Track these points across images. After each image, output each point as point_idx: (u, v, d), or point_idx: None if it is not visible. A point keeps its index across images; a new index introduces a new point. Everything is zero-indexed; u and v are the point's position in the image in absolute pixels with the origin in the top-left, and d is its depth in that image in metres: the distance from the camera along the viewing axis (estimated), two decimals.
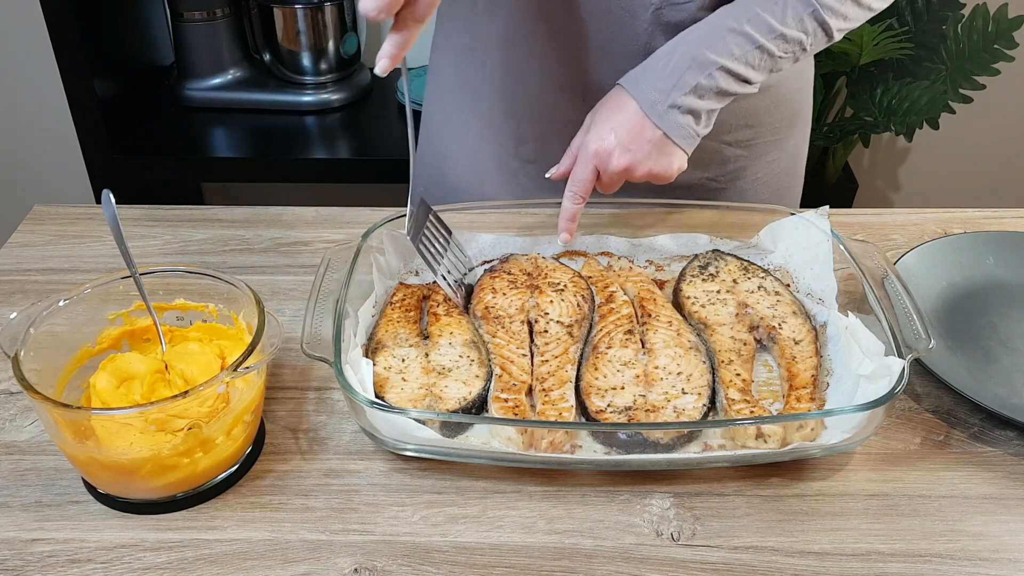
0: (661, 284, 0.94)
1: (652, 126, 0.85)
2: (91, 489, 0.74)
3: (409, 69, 1.90)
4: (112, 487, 0.72)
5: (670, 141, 0.86)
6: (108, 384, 0.73)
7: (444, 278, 0.88)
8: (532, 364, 0.82)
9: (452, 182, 1.12)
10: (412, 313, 0.88)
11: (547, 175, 0.93)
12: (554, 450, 0.74)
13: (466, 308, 0.90)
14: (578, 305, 0.88)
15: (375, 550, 0.70)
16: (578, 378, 0.81)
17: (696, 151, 0.91)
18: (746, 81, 0.87)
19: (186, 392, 0.68)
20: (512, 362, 0.81)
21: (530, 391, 0.80)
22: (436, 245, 0.90)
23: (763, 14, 0.85)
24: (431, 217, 0.90)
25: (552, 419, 0.77)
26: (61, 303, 0.76)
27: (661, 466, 0.75)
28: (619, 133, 0.86)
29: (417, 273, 0.95)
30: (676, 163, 0.88)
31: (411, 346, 0.84)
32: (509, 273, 0.92)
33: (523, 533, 0.71)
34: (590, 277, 0.93)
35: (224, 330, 0.81)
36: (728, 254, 0.96)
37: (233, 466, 0.75)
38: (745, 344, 0.85)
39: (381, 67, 0.75)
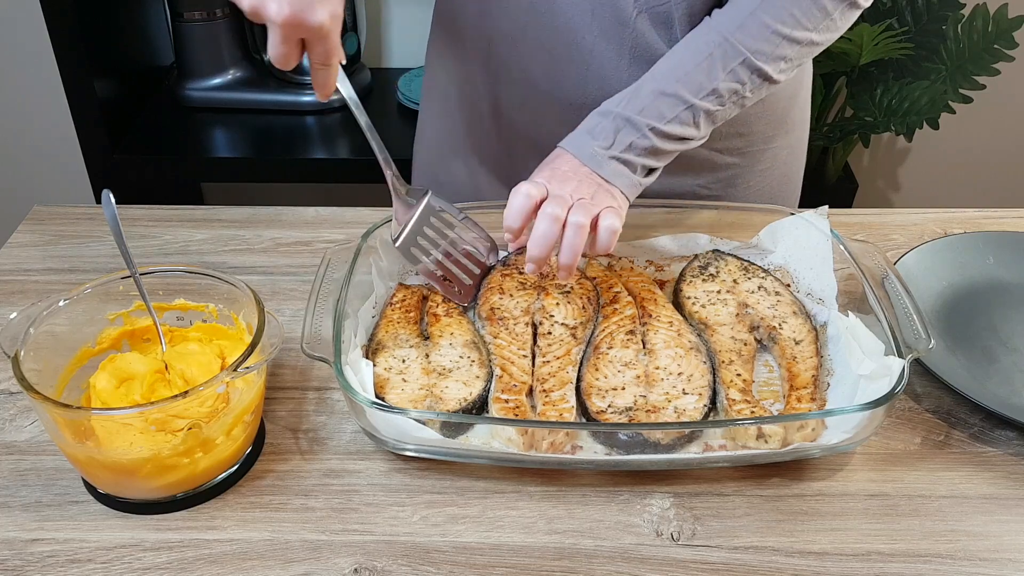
0: (661, 284, 0.94)
1: (590, 171, 0.84)
2: (91, 489, 0.74)
3: (408, 69, 1.90)
4: (112, 487, 0.72)
5: (610, 185, 0.85)
6: (108, 384, 0.73)
7: (447, 280, 0.89)
8: (533, 365, 0.82)
9: (448, 181, 1.12)
10: (412, 314, 0.88)
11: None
12: (555, 451, 0.74)
13: (475, 299, 0.89)
14: (583, 307, 0.87)
15: (375, 550, 0.70)
16: (579, 378, 0.81)
17: (687, 158, 0.90)
18: (683, 139, 0.86)
19: (186, 392, 0.68)
20: (513, 363, 0.81)
21: (530, 392, 0.80)
22: (438, 246, 0.89)
23: (692, 72, 0.84)
24: (434, 215, 0.90)
25: (553, 420, 0.77)
26: (61, 303, 0.76)
27: (661, 466, 0.75)
28: (556, 175, 0.84)
29: (417, 273, 0.95)
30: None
31: (411, 347, 0.83)
32: (520, 271, 0.91)
33: (523, 533, 0.71)
34: (595, 278, 0.93)
35: (224, 330, 0.81)
36: (728, 254, 0.96)
37: (233, 466, 0.75)
38: (746, 344, 0.85)
39: (317, 96, 0.82)
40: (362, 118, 0.87)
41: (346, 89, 0.84)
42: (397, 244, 0.87)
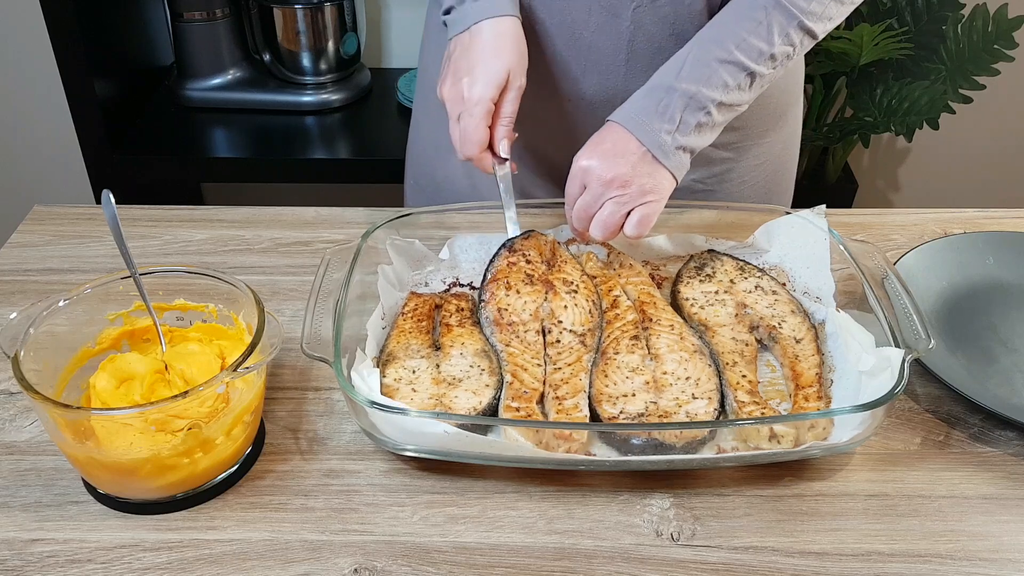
0: (659, 283, 0.94)
1: (646, 152, 0.85)
2: (91, 489, 0.74)
3: (408, 69, 1.90)
4: (112, 487, 0.72)
5: (665, 169, 0.86)
6: (108, 384, 0.73)
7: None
8: (544, 372, 0.82)
9: (444, 179, 1.12)
10: (424, 323, 0.87)
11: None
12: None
13: (480, 299, 0.89)
14: (590, 312, 0.87)
15: (375, 550, 0.70)
16: (588, 385, 0.81)
17: None
18: (739, 106, 0.88)
19: (186, 392, 0.68)
20: (525, 370, 0.80)
21: (541, 399, 0.79)
22: None
23: (750, 38, 0.85)
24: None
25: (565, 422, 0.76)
26: (61, 303, 0.76)
27: (661, 466, 0.75)
28: (606, 154, 0.85)
29: (427, 283, 0.95)
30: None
31: (422, 357, 0.83)
32: (528, 261, 0.90)
33: (523, 533, 0.71)
34: (595, 278, 0.92)
35: (224, 330, 0.81)
36: (723, 254, 0.96)
37: (233, 466, 0.75)
38: (747, 345, 0.85)
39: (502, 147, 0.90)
40: (512, 227, 0.93)
41: (505, 188, 0.91)
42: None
